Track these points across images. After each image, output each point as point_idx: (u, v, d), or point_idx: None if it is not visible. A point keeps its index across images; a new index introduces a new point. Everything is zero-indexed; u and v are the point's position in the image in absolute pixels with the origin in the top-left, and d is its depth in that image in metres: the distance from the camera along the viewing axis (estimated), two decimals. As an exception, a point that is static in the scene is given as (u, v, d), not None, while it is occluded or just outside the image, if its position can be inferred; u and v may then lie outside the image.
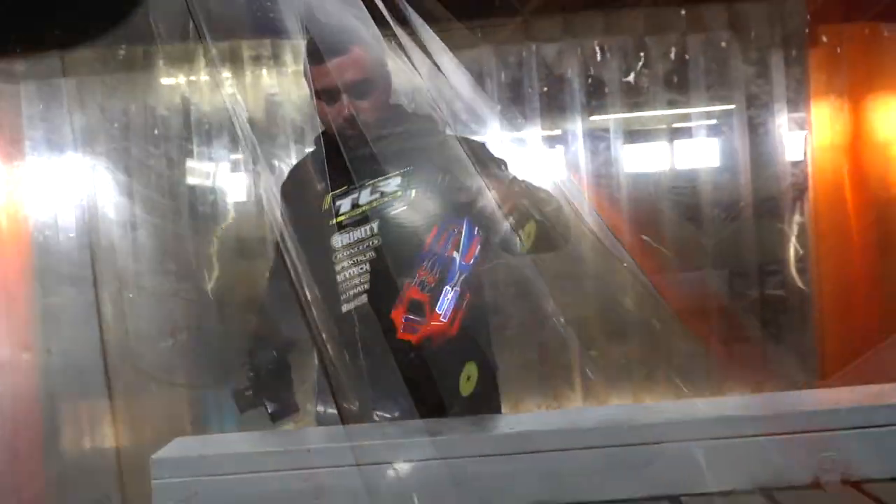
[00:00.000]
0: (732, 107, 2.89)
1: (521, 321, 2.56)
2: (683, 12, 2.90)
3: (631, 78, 2.91)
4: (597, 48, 2.91)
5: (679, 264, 2.87)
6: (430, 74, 1.53)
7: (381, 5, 1.48)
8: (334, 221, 1.61)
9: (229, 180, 2.89)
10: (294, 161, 2.43)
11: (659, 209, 2.90)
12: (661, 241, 2.83)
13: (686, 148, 2.94)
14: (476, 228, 1.23)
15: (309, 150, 1.84)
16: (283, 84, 2.91)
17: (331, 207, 1.62)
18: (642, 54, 2.90)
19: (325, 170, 1.66)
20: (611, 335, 2.86)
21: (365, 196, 1.60)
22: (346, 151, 1.59)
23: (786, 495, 1.10)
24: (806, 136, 2.85)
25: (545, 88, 2.93)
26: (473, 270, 1.18)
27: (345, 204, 1.61)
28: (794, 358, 2.80)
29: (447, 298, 1.12)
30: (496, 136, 1.62)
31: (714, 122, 2.92)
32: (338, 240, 1.59)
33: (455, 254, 1.16)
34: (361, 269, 1.57)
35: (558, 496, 1.11)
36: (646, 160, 2.97)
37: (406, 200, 1.57)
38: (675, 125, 2.93)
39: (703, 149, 2.93)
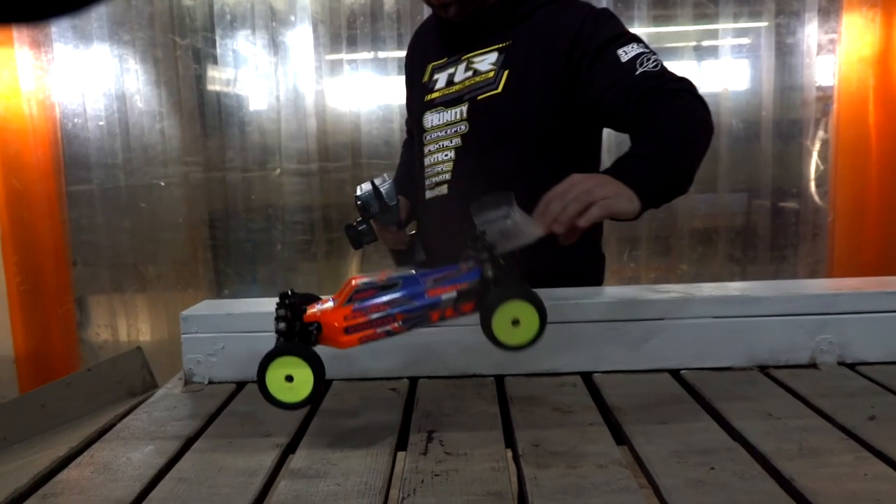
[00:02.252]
0: (765, 24, 2.81)
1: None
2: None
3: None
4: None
5: (702, 181, 2.85)
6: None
7: None
8: (429, 97, 1.42)
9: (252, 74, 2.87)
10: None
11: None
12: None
13: (715, 59, 2.87)
14: (478, 275, 0.86)
15: None
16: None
17: (429, 80, 1.44)
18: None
19: (433, 33, 1.47)
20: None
21: (460, 72, 1.37)
22: (440, 21, 1.42)
23: (782, 373, 1.09)
24: (836, 48, 2.78)
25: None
26: (426, 313, 0.87)
27: (441, 79, 1.40)
28: (806, 270, 2.81)
29: (368, 306, 0.86)
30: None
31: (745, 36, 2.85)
32: (428, 119, 1.41)
33: (429, 280, 0.87)
34: (446, 155, 1.37)
35: (565, 365, 1.13)
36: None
37: (497, 84, 1.31)
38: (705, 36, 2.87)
39: (733, 62, 2.85)
